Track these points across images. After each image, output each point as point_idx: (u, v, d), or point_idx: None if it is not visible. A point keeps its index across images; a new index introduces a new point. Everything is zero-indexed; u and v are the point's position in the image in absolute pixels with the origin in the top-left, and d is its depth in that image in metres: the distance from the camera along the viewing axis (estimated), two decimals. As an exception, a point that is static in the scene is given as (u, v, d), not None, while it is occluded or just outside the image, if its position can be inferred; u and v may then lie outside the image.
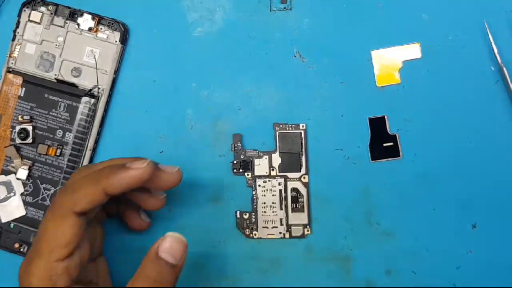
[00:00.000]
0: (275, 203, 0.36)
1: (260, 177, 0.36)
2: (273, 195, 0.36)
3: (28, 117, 0.36)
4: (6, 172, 0.36)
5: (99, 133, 0.36)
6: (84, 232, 0.29)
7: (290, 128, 0.36)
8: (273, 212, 0.36)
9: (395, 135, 0.35)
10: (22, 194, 0.36)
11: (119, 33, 0.36)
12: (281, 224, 0.35)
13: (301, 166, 0.36)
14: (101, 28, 0.36)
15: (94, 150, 0.36)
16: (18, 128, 0.36)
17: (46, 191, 0.36)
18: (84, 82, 0.36)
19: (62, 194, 0.29)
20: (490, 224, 0.35)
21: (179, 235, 0.29)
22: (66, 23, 0.36)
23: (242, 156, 0.36)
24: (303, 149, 0.36)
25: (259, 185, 0.36)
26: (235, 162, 0.36)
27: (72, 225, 0.28)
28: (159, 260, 0.28)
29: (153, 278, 0.28)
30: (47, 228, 0.28)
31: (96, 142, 0.36)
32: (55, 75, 0.36)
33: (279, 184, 0.36)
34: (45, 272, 0.27)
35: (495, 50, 0.35)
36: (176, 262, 0.29)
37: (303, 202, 0.35)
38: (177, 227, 0.36)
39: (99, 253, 0.34)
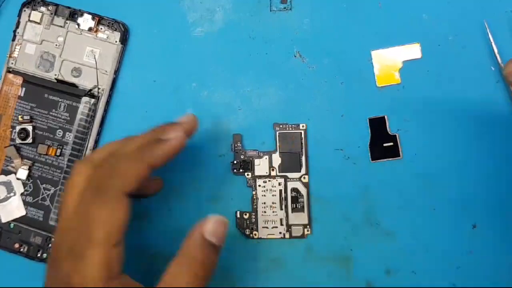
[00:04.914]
0: (275, 203, 0.36)
1: (260, 177, 0.36)
2: (273, 195, 0.36)
3: (28, 117, 0.36)
4: (6, 172, 0.36)
5: (99, 133, 0.36)
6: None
7: (290, 128, 0.36)
8: (273, 212, 0.36)
9: (395, 135, 0.35)
10: (22, 194, 0.36)
11: (119, 33, 0.36)
12: (281, 224, 0.35)
13: (301, 166, 0.36)
14: (101, 28, 0.36)
15: (94, 150, 0.36)
16: (18, 128, 0.36)
17: (46, 191, 0.36)
18: (84, 82, 0.36)
19: (104, 178, 0.28)
20: (490, 224, 0.35)
21: (221, 216, 0.30)
22: (66, 23, 0.36)
23: (242, 156, 0.36)
24: (303, 149, 0.36)
25: (259, 185, 0.36)
26: (235, 162, 0.36)
27: (125, 206, 0.27)
28: (205, 242, 0.29)
29: (200, 260, 0.29)
30: (99, 214, 0.27)
31: (96, 142, 0.36)
32: (55, 75, 0.36)
33: (279, 184, 0.36)
34: (103, 259, 0.26)
35: (495, 50, 0.35)
36: (219, 243, 0.30)
37: (303, 202, 0.35)
38: (177, 227, 0.36)
39: None
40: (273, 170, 0.36)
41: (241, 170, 0.36)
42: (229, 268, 0.35)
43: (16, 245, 0.35)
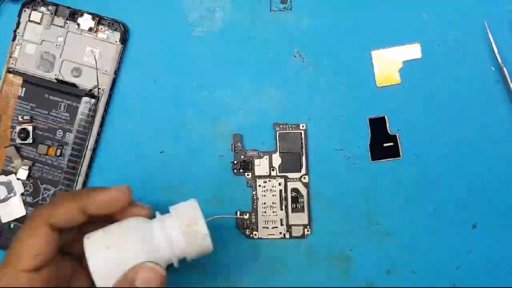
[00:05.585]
0: (275, 203, 0.36)
1: (260, 177, 0.36)
2: (273, 195, 0.36)
3: (28, 117, 0.36)
4: (6, 172, 0.36)
5: (99, 133, 0.36)
6: (56, 248, 0.28)
7: (290, 128, 0.36)
8: (273, 212, 0.36)
9: (395, 135, 0.35)
10: (22, 194, 0.36)
11: (119, 33, 0.36)
12: (281, 224, 0.35)
13: (301, 166, 0.36)
14: (101, 28, 0.36)
15: (94, 150, 0.36)
16: (18, 128, 0.36)
17: (46, 191, 0.36)
18: (84, 82, 0.36)
19: (40, 207, 0.29)
20: (490, 224, 0.35)
21: (158, 266, 0.28)
22: (66, 23, 0.36)
23: (242, 156, 0.36)
24: (303, 149, 0.36)
25: (259, 185, 0.36)
26: (235, 162, 0.36)
27: (44, 235, 0.27)
28: None
29: None
30: (19, 237, 0.27)
31: (96, 142, 0.36)
32: (55, 75, 0.36)
33: (279, 184, 0.36)
34: (9, 280, 0.26)
35: (495, 50, 0.35)
36: None
37: (303, 202, 0.35)
38: (177, 227, 0.36)
39: None
40: (273, 170, 0.36)
41: (241, 170, 0.36)
42: (229, 268, 0.35)
43: (16, 245, 0.36)
